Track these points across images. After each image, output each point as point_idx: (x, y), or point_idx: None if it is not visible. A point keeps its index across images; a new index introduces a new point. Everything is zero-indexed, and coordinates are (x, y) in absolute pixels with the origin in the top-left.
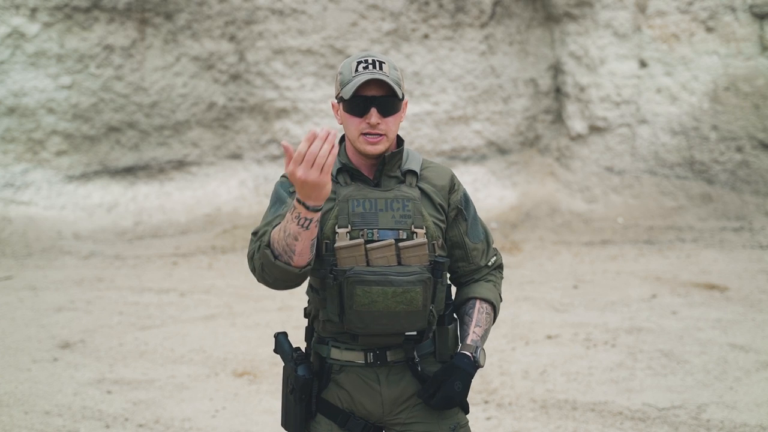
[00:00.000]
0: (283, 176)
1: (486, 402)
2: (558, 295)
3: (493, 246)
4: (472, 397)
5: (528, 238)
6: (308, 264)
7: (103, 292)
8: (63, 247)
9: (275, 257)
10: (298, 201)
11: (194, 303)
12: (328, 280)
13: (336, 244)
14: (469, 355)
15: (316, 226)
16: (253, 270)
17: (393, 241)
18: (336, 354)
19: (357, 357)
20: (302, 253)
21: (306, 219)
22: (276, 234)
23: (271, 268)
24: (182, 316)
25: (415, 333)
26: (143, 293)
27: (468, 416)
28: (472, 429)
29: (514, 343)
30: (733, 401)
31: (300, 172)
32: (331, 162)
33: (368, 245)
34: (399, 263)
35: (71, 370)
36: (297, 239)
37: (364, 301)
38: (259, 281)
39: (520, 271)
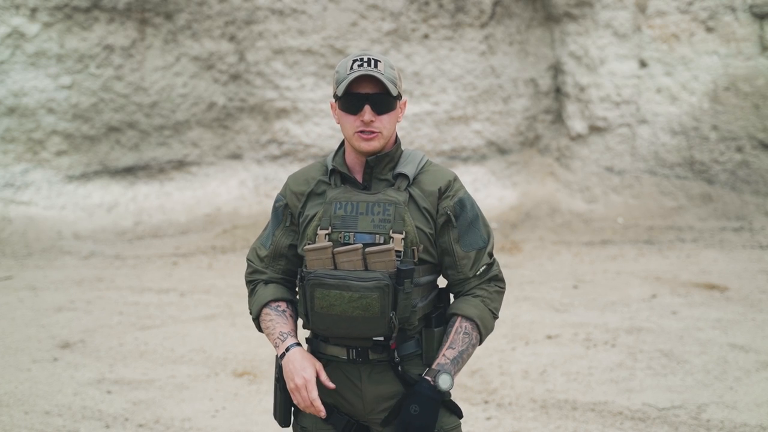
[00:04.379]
0: (280, 193)
1: (486, 402)
2: (558, 295)
3: (489, 257)
4: (471, 397)
5: (528, 238)
6: None
7: (103, 292)
8: (63, 247)
9: (260, 329)
10: (285, 352)
11: (194, 303)
12: (297, 281)
13: (305, 247)
14: (429, 379)
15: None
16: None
17: (360, 245)
18: (322, 348)
19: (340, 352)
20: None
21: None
22: (263, 323)
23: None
24: (182, 316)
25: (381, 339)
26: (143, 293)
27: (468, 416)
28: (472, 429)
29: (514, 343)
30: (733, 401)
31: (295, 383)
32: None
33: (336, 249)
34: (366, 268)
35: (71, 370)
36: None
37: (323, 304)
38: None
39: (520, 271)
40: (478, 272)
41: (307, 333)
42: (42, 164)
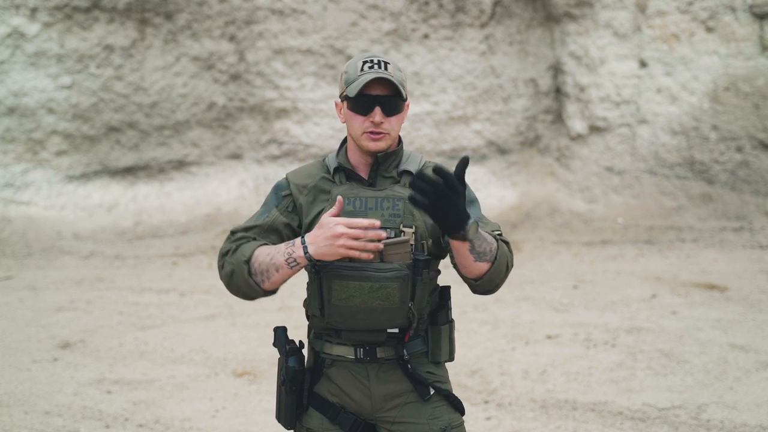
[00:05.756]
0: (281, 182)
1: (486, 402)
2: (558, 295)
3: (498, 229)
4: (471, 397)
5: (528, 238)
6: (275, 291)
7: (103, 292)
8: (63, 247)
9: (250, 274)
10: (302, 242)
11: (194, 303)
12: (311, 274)
13: None
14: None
15: (299, 270)
16: (221, 267)
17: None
18: (328, 348)
19: (347, 352)
20: (276, 282)
21: (296, 261)
22: (260, 255)
23: (239, 280)
24: (182, 316)
25: (396, 331)
26: (143, 293)
27: (468, 416)
28: (472, 429)
29: (514, 343)
30: (733, 401)
31: (339, 232)
32: (366, 257)
33: None
34: (381, 260)
35: (71, 370)
36: (278, 271)
37: (341, 296)
38: (220, 278)
39: (520, 271)
40: (496, 233)
41: (304, 336)
42: (42, 164)
